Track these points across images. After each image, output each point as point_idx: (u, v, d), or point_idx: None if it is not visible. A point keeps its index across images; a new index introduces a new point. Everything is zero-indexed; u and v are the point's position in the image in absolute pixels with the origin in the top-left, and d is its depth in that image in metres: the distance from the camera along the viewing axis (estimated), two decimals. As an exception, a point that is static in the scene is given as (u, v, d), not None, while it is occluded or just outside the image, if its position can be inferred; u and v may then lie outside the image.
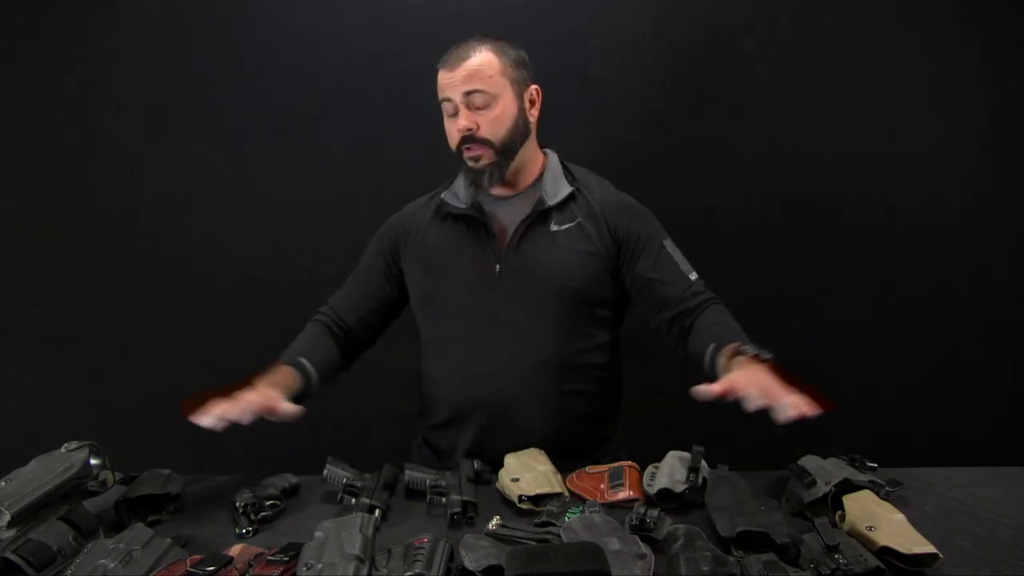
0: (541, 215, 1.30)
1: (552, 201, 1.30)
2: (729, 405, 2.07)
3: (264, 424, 2.04)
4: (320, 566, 0.87)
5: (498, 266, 1.29)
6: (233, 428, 2.13)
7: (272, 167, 1.94)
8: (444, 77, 1.25)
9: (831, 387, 2.07)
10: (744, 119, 1.89)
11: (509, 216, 1.32)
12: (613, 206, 1.34)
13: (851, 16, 1.83)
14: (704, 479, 1.12)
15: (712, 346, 1.20)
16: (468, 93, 1.22)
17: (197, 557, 0.93)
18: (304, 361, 1.31)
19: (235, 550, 0.98)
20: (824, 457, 1.17)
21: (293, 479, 1.23)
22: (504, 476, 1.18)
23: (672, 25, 1.85)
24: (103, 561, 0.90)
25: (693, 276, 1.33)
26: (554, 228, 1.30)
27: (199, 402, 1.10)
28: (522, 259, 1.29)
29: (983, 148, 1.87)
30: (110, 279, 1.99)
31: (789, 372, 1.07)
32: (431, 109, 1.87)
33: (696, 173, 1.91)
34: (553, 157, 1.38)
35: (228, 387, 1.13)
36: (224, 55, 1.90)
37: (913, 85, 1.85)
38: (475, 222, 1.32)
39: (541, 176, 1.34)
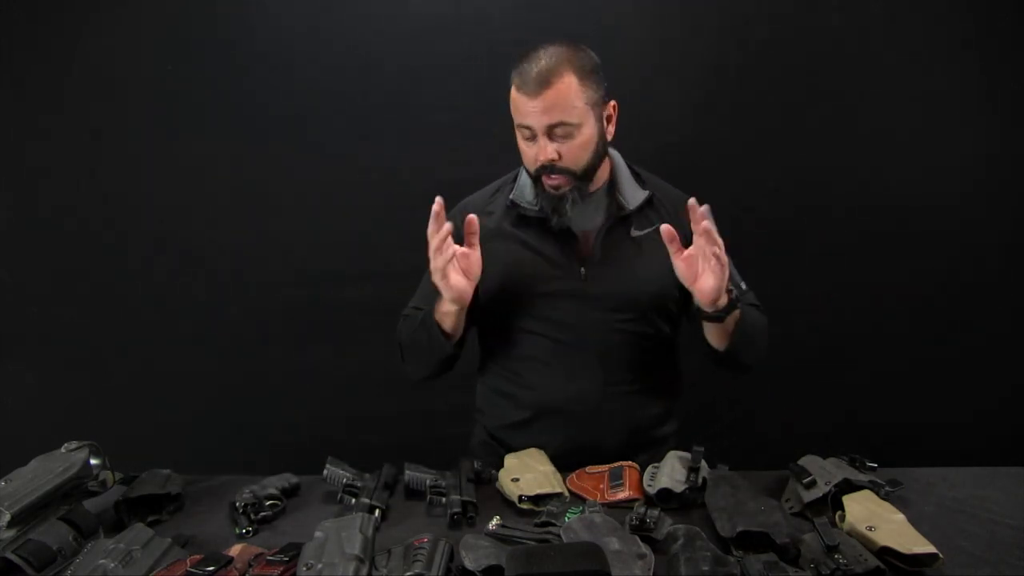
0: (620, 219, 1.29)
1: (631, 206, 1.29)
2: (729, 405, 2.08)
3: (264, 424, 2.06)
4: (320, 566, 0.87)
5: (583, 270, 1.28)
6: (232, 428, 2.13)
7: (274, 167, 1.94)
8: (524, 103, 1.17)
9: (832, 387, 2.10)
10: (745, 119, 1.89)
11: (585, 220, 1.30)
12: (681, 203, 1.31)
13: (853, 15, 1.83)
14: (704, 479, 1.12)
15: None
16: (552, 125, 1.17)
17: (197, 557, 0.93)
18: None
19: (235, 550, 0.97)
20: (824, 457, 1.17)
21: (293, 479, 1.23)
22: (504, 476, 1.18)
23: (672, 26, 1.85)
24: (103, 561, 0.90)
25: (744, 285, 1.33)
26: (635, 233, 1.30)
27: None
28: (606, 264, 1.28)
29: (988, 148, 1.87)
30: (110, 279, 1.99)
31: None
32: (432, 108, 1.89)
33: (697, 173, 1.90)
34: (618, 158, 1.35)
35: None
36: (225, 55, 1.90)
37: (916, 84, 1.85)
38: (551, 224, 1.27)
39: (611, 179, 1.32)
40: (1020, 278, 1.91)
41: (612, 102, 1.26)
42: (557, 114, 1.16)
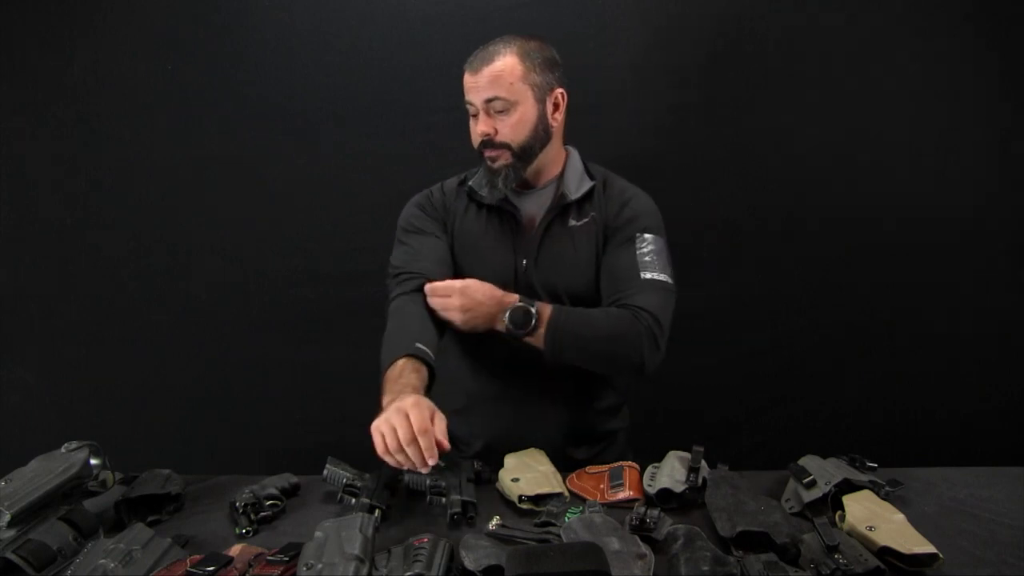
0: (563, 209, 1.32)
1: (573, 195, 1.32)
2: (729, 405, 2.08)
3: (264, 424, 2.06)
4: (320, 566, 0.87)
5: (524, 260, 1.31)
6: (232, 428, 2.13)
7: (274, 167, 1.94)
8: (468, 80, 1.26)
9: (832, 387, 2.10)
10: (745, 120, 1.88)
11: (533, 209, 1.34)
12: (617, 195, 1.35)
13: (854, 16, 1.83)
14: (704, 479, 1.12)
15: None
16: (488, 100, 1.24)
17: (197, 557, 0.93)
18: (422, 347, 1.21)
19: (235, 550, 0.98)
20: (824, 457, 1.18)
21: (293, 479, 1.23)
22: (504, 476, 1.18)
23: (672, 25, 1.85)
24: (103, 561, 0.90)
25: (648, 275, 1.25)
26: (572, 223, 1.33)
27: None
28: (545, 252, 1.31)
29: (988, 149, 1.87)
30: (110, 279, 1.99)
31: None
32: (432, 109, 1.89)
33: (696, 173, 1.91)
34: (575, 155, 1.39)
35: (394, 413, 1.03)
36: (225, 55, 1.89)
37: (917, 84, 1.85)
38: (505, 213, 1.33)
39: (563, 173, 1.36)
40: (1020, 278, 1.91)
41: (560, 90, 1.30)
42: (494, 89, 1.23)
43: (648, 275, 1.25)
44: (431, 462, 1.00)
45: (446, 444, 1.02)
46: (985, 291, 1.92)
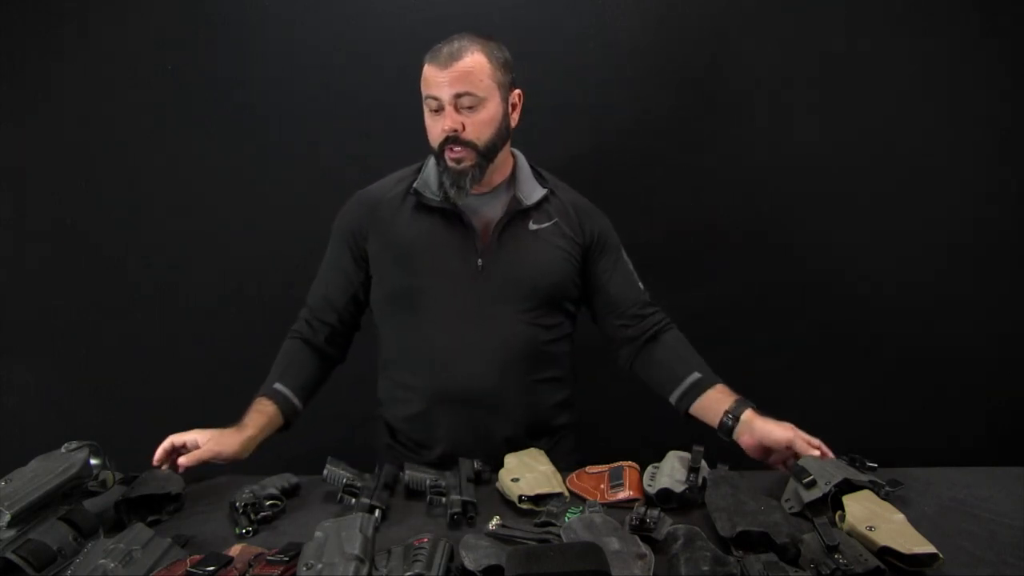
0: (519, 213, 1.34)
1: (528, 200, 1.35)
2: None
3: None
4: (320, 566, 0.87)
5: (480, 260, 1.32)
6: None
7: (274, 167, 1.94)
8: (433, 74, 1.25)
9: (832, 387, 2.09)
10: (744, 120, 1.89)
11: (485, 212, 1.35)
12: (583, 207, 1.41)
13: (853, 16, 1.83)
14: (704, 479, 1.12)
15: (692, 380, 1.36)
16: (458, 95, 1.23)
17: (197, 557, 0.93)
18: (281, 388, 1.38)
19: (235, 550, 0.97)
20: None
21: (293, 479, 1.23)
22: (504, 476, 1.18)
23: (672, 25, 1.85)
24: (103, 561, 0.90)
25: (641, 286, 1.43)
26: (533, 227, 1.35)
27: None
28: (503, 255, 1.32)
29: (988, 149, 1.87)
30: (110, 279, 1.99)
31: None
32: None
33: (695, 174, 1.91)
34: (521, 157, 1.41)
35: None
36: (225, 55, 1.90)
37: (916, 86, 1.86)
38: (453, 216, 1.33)
39: (513, 176, 1.38)
40: (1020, 278, 1.91)
41: (518, 91, 1.33)
42: (464, 84, 1.23)
43: (641, 285, 1.43)
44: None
45: (178, 464, 1.22)
46: (985, 291, 1.92)
